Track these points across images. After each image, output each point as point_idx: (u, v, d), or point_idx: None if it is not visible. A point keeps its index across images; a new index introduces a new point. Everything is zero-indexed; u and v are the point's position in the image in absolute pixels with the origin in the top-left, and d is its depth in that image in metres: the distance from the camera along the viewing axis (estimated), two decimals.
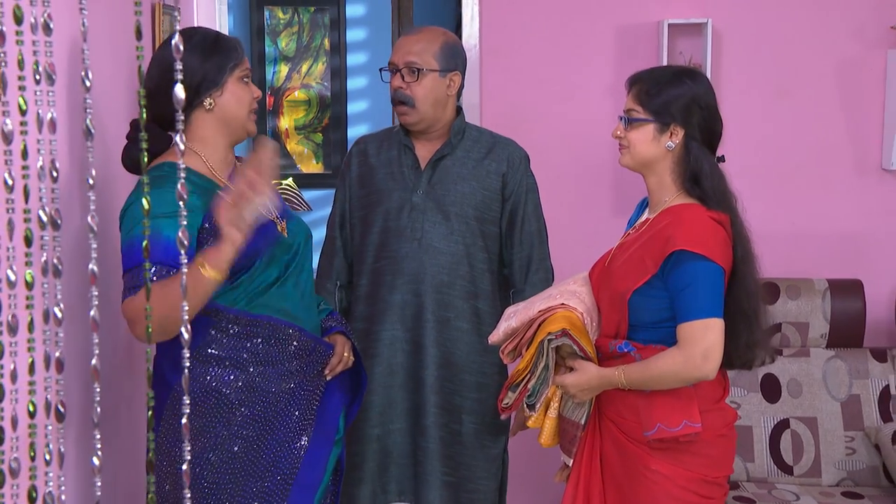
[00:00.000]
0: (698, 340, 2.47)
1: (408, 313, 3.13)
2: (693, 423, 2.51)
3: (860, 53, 4.11)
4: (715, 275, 2.50)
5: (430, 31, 3.16)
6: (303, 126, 6.07)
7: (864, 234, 4.19)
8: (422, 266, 3.11)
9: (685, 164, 2.61)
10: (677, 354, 2.49)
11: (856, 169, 4.18)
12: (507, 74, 4.17)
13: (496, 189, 3.17)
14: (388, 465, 3.18)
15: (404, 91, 3.08)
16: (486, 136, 3.24)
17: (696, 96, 2.60)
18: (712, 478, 2.60)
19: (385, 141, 3.24)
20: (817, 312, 3.87)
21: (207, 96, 2.47)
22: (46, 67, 0.95)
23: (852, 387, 3.83)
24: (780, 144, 4.17)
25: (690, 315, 2.49)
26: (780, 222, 4.18)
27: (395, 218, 3.13)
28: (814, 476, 3.76)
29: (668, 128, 2.59)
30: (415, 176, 3.15)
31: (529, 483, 4.19)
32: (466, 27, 4.19)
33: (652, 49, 4.11)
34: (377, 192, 3.17)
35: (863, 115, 4.15)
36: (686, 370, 2.49)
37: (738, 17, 4.12)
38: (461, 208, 3.13)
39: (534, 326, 2.65)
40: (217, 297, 2.39)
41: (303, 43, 6.01)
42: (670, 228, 2.54)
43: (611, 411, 2.65)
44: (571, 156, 4.15)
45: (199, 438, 2.43)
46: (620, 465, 2.63)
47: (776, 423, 3.81)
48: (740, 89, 4.14)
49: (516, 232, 3.20)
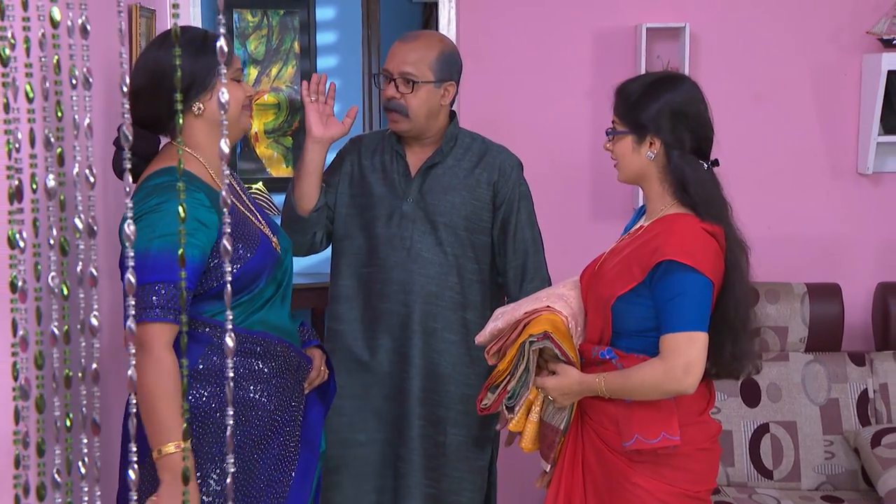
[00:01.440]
0: (681, 353, 2.45)
1: (395, 323, 3.11)
2: (671, 435, 2.49)
3: (836, 58, 4.17)
4: (703, 288, 2.48)
5: (427, 39, 3.13)
6: (272, 130, 6.05)
7: (841, 238, 4.24)
8: (410, 276, 3.09)
9: (670, 174, 2.59)
10: (658, 366, 2.48)
11: (832, 173, 4.23)
12: (485, 79, 4.18)
13: (487, 199, 3.14)
14: (368, 473, 3.16)
15: (398, 101, 3.05)
16: (478, 144, 3.21)
17: (674, 106, 2.57)
18: (693, 492, 2.58)
19: (378, 144, 3.21)
20: (796, 316, 3.91)
21: (197, 101, 2.41)
22: (84, 72, 0.95)
23: (831, 391, 3.88)
24: (756, 148, 4.21)
25: (675, 327, 2.47)
26: (756, 226, 4.18)
27: (384, 225, 3.11)
28: (793, 480, 3.79)
29: (644, 138, 2.59)
30: (405, 184, 3.13)
31: (513, 489, 4.20)
32: (443, 31, 4.19)
33: (630, 53, 4.14)
34: (368, 195, 3.15)
35: (839, 119, 4.20)
36: (666, 382, 2.47)
37: (716, 22, 4.17)
38: (451, 219, 3.11)
39: (518, 328, 2.65)
40: (214, 314, 2.37)
41: (272, 46, 5.99)
42: (660, 238, 2.53)
43: (593, 420, 2.64)
44: (550, 160, 4.17)
45: (198, 460, 2.38)
46: (602, 475, 2.62)
47: (756, 427, 3.84)
48: (717, 93, 4.11)
49: (509, 241, 3.17)
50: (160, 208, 2.23)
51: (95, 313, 0.97)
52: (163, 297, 2.20)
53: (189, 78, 2.39)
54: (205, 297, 2.37)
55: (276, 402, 2.48)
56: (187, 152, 2.44)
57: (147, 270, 2.19)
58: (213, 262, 2.35)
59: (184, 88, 2.39)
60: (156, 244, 2.21)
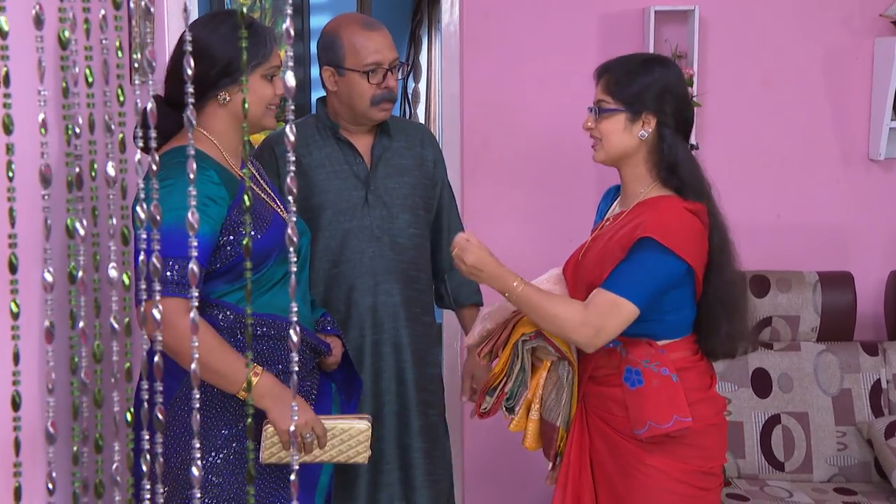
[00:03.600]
0: (603, 315, 2.51)
1: (382, 314, 3.09)
2: (683, 417, 2.53)
3: (847, 42, 4.16)
4: (665, 267, 2.52)
5: (382, 23, 3.16)
6: None
7: (852, 225, 4.25)
8: (391, 264, 3.10)
9: (659, 154, 2.63)
10: (577, 314, 2.52)
11: (843, 159, 4.23)
12: (489, 63, 4.16)
13: (431, 176, 3.23)
14: (378, 476, 3.15)
15: (393, 89, 3.08)
16: (411, 125, 3.34)
17: (668, 83, 2.62)
18: (707, 468, 2.63)
19: (309, 138, 3.14)
20: (808, 306, 3.91)
21: (224, 91, 2.41)
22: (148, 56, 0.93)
23: (843, 381, 3.88)
24: (766, 135, 4.21)
25: (609, 286, 2.52)
26: (765, 214, 4.22)
27: (349, 218, 3.08)
28: (805, 472, 3.80)
29: (639, 117, 2.61)
30: (362, 172, 3.12)
31: (489, 481, 4.21)
32: (446, 14, 4.17)
33: (637, 37, 4.12)
34: (321, 193, 3.08)
35: (850, 104, 4.20)
36: (574, 332, 2.53)
37: (726, 5, 4.16)
38: (413, 200, 3.16)
39: (508, 328, 2.67)
40: (224, 295, 2.36)
41: None
42: (641, 218, 2.56)
43: (599, 409, 2.67)
44: (555, 146, 4.15)
45: (203, 439, 2.39)
46: (612, 463, 2.64)
47: (767, 418, 3.85)
48: (726, 78, 4.17)
49: (444, 215, 3.27)
50: (169, 184, 2.22)
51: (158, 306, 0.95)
52: (176, 273, 2.21)
53: (224, 61, 2.39)
54: (212, 276, 2.37)
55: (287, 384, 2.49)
56: (202, 133, 2.44)
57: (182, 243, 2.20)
58: (223, 238, 2.33)
59: (213, 76, 2.38)
60: (166, 219, 2.20)
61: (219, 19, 2.44)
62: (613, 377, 2.63)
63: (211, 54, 2.37)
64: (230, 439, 2.43)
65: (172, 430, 2.38)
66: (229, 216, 2.35)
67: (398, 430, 3.14)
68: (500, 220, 4.20)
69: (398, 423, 3.14)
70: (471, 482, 4.26)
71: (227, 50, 2.38)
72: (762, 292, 3.89)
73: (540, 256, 3.33)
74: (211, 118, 2.45)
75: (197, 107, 2.40)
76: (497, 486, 4.25)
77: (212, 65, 2.37)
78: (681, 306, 2.62)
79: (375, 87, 3.04)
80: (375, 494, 3.13)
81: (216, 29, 2.39)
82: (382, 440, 3.12)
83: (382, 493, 3.13)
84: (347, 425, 2.49)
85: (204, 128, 2.44)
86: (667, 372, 2.57)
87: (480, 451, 4.24)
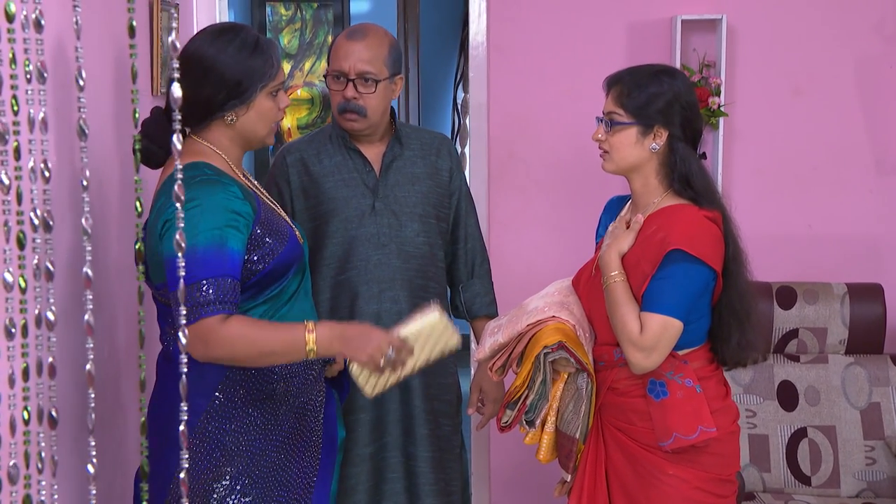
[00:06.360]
0: (656, 337, 2.53)
1: (387, 321, 3.09)
2: (708, 427, 2.57)
3: (880, 49, 4.14)
4: (697, 277, 2.56)
5: (375, 35, 3.12)
6: (305, 125, 6.12)
7: (884, 236, 4.21)
8: (396, 271, 3.14)
9: (671, 165, 2.66)
10: (635, 330, 2.54)
11: (875, 169, 4.20)
12: (515, 72, 4.20)
13: (446, 185, 3.26)
14: (381, 483, 3.18)
15: (357, 102, 3.05)
16: (424, 133, 3.33)
17: (678, 95, 2.65)
18: (726, 475, 2.67)
19: (321, 147, 3.20)
20: (836, 318, 3.89)
21: (231, 112, 2.42)
22: (38, 65, 0.97)
23: (872, 394, 3.85)
24: (796, 144, 4.20)
25: (653, 307, 2.55)
26: (796, 225, 4.20)
27: (356, 226, 3.13)
28: (832, 487, 3.78)
29: (651, 129, 2.65)
30: (371, 181, 3.16)
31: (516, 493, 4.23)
32: (473, 24, 4.21)
33: (665, 46, 4.13)
34: (329, 200, 3.13)
35: (883, 113, 4.18)
36: (631, 346, 2.55)
37: (754, 13, 4.16)
38: (423, 209, 3.18)
39: (524, 341, 2.68)
40: (248, 310, 2.40)
41: (305, 40, 6.05)
42: (664, 230, 2.59)
43: (618, 420, 2.70)
44: (581, 157, 4.17)
45: (237, 457, 2.43)
46: (632, 473, 2.67)
47: (793, 431, 3.83)
48: (755, 87, 4.16)
49: (462, 225, 3.30)
50: (196, 205, 2.25)
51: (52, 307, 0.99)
52: (220, 292, 2.24)
53: (232, 83, 2.39)
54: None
55: (302, 396, 2.55)
56: (212, 149, 2.46)
57: (196, 267, 2.21)
58: (248, 255, 2.37)
59: (221, 97, 2.39)
60: (201, 240, 2.24)
61: (226, 38, 2.41)
62: (636, 388, 2.66)
63: (219, 76, 2.37)
64: (262, 454, 2.48)
65: (211, 442, 2.42)
66: (253, 232, 2.38)
67: (402, 438, 3.18)
68: (527, 229, 4.24)
69: (402, 432, 3.18)
70: (497, 494, 4.29)
71: (235, 71, 2.37)
72: (788, 304, 3.87)
73: (565, 266, 3.35)
74: (217, 135, 2.46)
75: (202, 125, 2.45)
76: (523, 498, 4.27)
77: (220, 87, 2.38)
78: (702, 314, 2.65)
79: (339, 94, 3.06)
80: (376, 498, 3.16)
81: (224, 49, 2.38)
82: (385, 448, 3.15)
83: (385, 500, 3.17)
84: (421, 323, 2.51)
85: (210, 144, 2.46)
86: (690, 383, 2.60)
87: (507, 463, 4.27)
